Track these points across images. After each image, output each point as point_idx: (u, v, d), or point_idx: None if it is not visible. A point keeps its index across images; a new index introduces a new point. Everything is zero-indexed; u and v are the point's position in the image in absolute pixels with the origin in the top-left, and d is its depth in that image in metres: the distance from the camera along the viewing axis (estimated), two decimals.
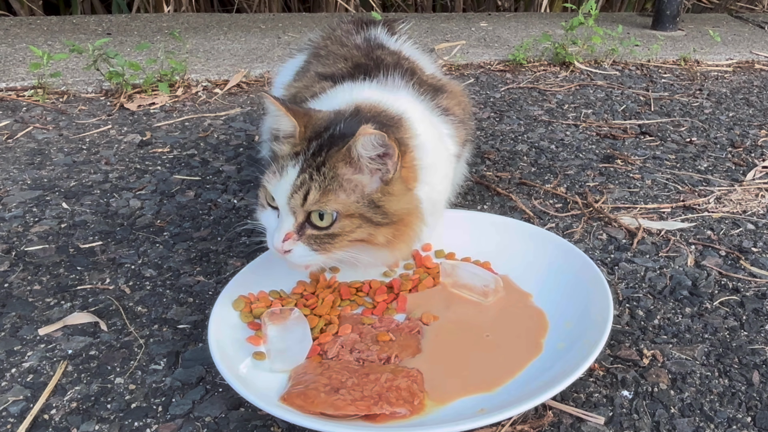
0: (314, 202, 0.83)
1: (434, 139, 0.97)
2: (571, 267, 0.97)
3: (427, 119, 0.99)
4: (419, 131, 0.93)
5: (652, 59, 2.44)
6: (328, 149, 0.84)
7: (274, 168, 0.87)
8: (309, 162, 0.84)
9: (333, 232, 0.84)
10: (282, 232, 0.84)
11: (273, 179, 0.87)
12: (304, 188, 0.83)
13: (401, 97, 0.98)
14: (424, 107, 1.01)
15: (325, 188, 0.83)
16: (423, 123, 0.96)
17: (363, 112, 0.90)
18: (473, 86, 2.09)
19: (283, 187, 0.85)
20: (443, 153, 1.00)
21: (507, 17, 3.10)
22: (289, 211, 0.84)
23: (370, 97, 0.95)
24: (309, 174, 0.83)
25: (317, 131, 0.87)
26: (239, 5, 3.11)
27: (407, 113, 0.94)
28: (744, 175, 1.48)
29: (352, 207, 0.84)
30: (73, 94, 1.84)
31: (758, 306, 1.02)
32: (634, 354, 0.90)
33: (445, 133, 1.02)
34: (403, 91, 1.01)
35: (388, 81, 1.01)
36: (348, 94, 0.97)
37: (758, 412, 0.82)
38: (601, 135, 1.70)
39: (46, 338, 0.91)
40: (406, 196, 0.88)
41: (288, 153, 0.87)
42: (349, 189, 0.84)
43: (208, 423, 0.78)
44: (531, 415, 0.79)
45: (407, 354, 0.85)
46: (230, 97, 1.89)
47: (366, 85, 1.00)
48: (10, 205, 1.25)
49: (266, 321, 0.85)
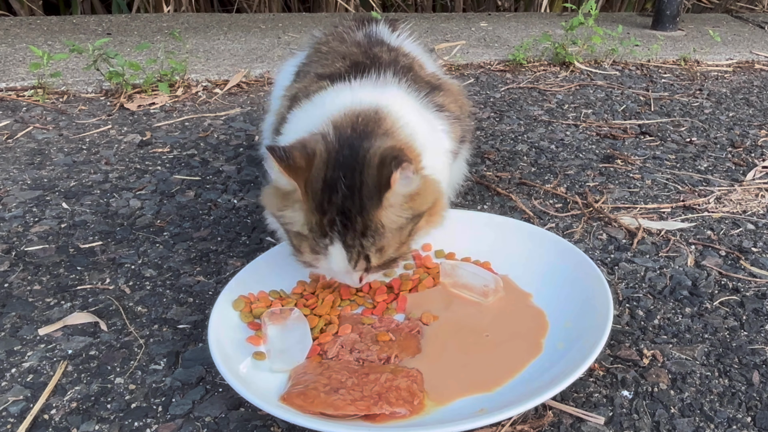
0: (377, 263, 0.84)
1: (423, 123, 0.95)
2: (571, 267, 0.97)
3: (414, 109, 0.96)
4: (401, 113, 0.90)
5: (652, 59, 2.44)
6: (357, 209, 0.80)
7: (307, 246, 0.83)
8: (345, 233, 0.81)
9: (395, 257, 0.86)
10: (355, 279, 0.88)
11: (315, 261, 0.85)
12: (361, 260, 0.83)
13: (385, 93, 0.95)
14: (415, 102, 0.99)
15: (379, 247, 0.83)
16: (406, 109, 0.93)
17: (341, 129, 0.86)
18: (473, 86, 2.09)
19: (336, 264, 0.83)
20: (436, 136, 0.98)
21: (507, 17, 3.10)
22: (351, 272, 0.86)
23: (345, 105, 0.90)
24: (358, 246, 0.82)
25: (322, 186, 0.81)
26: (239, 5, 3.11)
27: (383, 102, 0.90)
28: (744, 175, 1.48)
29: (403, 236, 0.85)
30: (73, 94, 1.84)
31: (758, 306, 1.02)
32: (634, 354, 0.90)
33: (439, 128, 1.00)
34: (393, 87, 0.98)
35: (379, 79, 0.98)
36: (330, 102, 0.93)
37: (758, 412, 0.82)
38: (601, 135, 1.70)
39: (46, 338, 0.91)
40: (425, 184, 0.86)
41: (310, 229, 0.82)
42: (395, 227, 0.83)
43: (208, 423, 0.78)
44: (531, 415, 0.79)
45: (407, 354, 0.85)
46: (230, 97, 1.89)
47: (346, 88, 0.95)
48: (10, 205, 1.25)
49: (266, 321, 0.85)
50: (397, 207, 0.82)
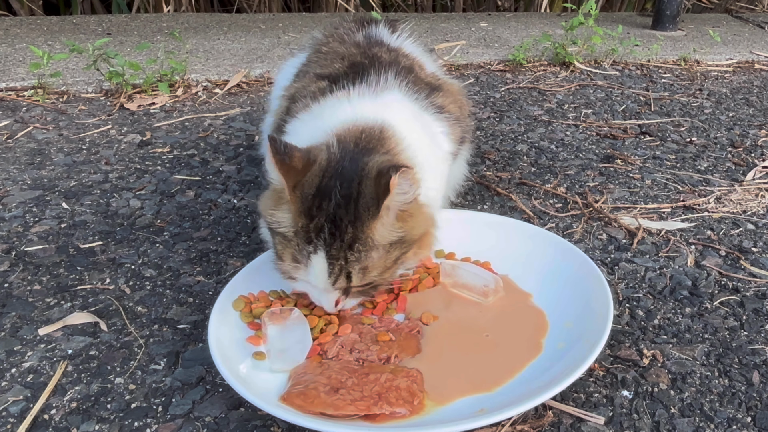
0: (357, 284, 0.82)
1: (424, 138, 0.94)
2: (571, 267, 0.97)
3: (415, 118, 0.96)
4: (405, 134, 0.89)
5: (652, 59, 2.44)
6: (349, 218, 0.79)
7: (289, 254, 0.81)
8: (332, 241, 0.79)
9: (376, 283, 0.85)
10: (331, 303, 0.85)
11: (295, 271, 0.82)
12: (342, 277, 0.80)
13: (386, 101, 0.94)
14: (415, 106, 0.98)
15: (363, 266, 0.80)
16: (409, 123, 0.92)
17: (344, 143, 0.85)
18: (473, 86, 2.09)
19: (316, 277, 0.81)
20: (435, 152, 0.97)
21: (507, 17, 3.10)
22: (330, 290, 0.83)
23: (348, 119, 0.89)
24: (342, 260, 0.79)
25: (315, 192, 0.80)
26: (239, 5, 3.11)
27: (388, 120, 0.89)
28: (744, 175, 1.48)
29: (389, 261, 0.83)
30: (73, 94, 1.84)
31: (758, 306, 1.02)
32: (634, 354, 0.90)
33: (439, 131, 1.00)
34: (394, 91, 0.97)
35: (379, 81, 0.98)
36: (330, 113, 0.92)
37: (758, 412, 0.82)
38: (601, 135, 1.70)
39: (46, 338, 0.91)
40: (420, 209, 0.85)
41: (295, 233, 0.80)
42: (384, 242, 0.81)
43: (208, 423, 0.78)
44: (531, 415, 0.79)
45: (407, 354, 0.85)
46: (230, 97, 1.89)
47: (346, 98, 0.94)
48: (10, 205, 1.25)
49: (266, 321, 0.85)
50: (389, 224, 0.81)
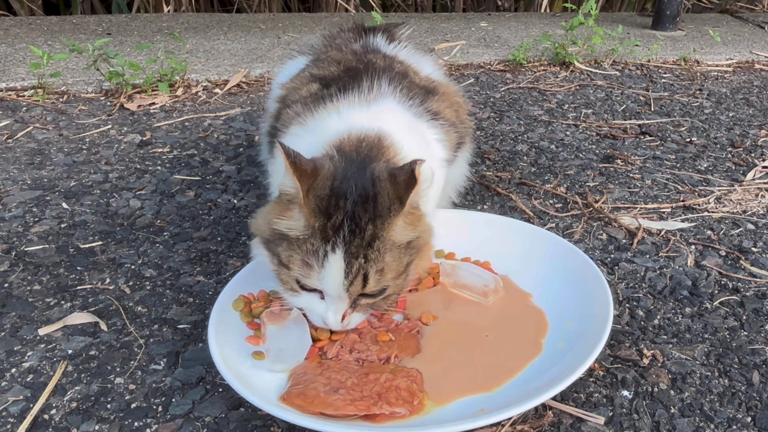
0: (375, 283, 0.78)
1: (420, 147, 0.93)
2: (571, 267, 0.97)
3: (410, 127, 0.95)
4: (402, 143, 0.88)
5: (652, 59, 2.44)
6: (369, 216, 0.77)
7: (298, 259, 0.77)
8: (351, 239, 0.76)
9: (387, 294, 0.82)
10: (338, 315, 0.80)
11: (305, 276, 0.78)
12: (358, 279, 0.77)
13: (381, 109, 0.93)
14: (409, 113, 0.97)
15: (380, 268, 0.77)
16: (404, 133, 0.91)
17: (345, 152, 0.84)
18: (473, 86, 2.09)
19: (331, 278, 0.77)
20: (431, 161, 0.93)
21: (507, 17, 3.10)
22: (342, 296, 0.79)
23: (343, 130, 0.88)
24: (363, 256, 0.76)
25: (329, 192, 0.78)
26: (239, 5, 3.11)
27: (384, 129, 0.88)
28: (744, 175, 1.48)
29: (401, 266, 0.80)
30: (73, 94, 1.84)
31: (758, 306, 1.02)
32: (634, 354, 0.90)
33: (433, 138, 0.98)
34: (388, 98, 0.96)
35: (373, 87, 0.96)
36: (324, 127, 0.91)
37: (758, 412, 0.82)
38: (601, 135, 1.70)
39: (46, 338, 0.91)
40: (422, 219, 0.83)
41: (311, 234, 0.77)
42: (402, 241, 0.79)
43: (208, 423, 0.78)
44: (531, 415, 0.79)
45: (407, 354, 0.85)
46: (230, 97, 1.89)
47: (339, 109, 0.93)
48: (10, 205, 1.25)
49: (265, 321, 0.85)
50: (406, 223, 0.79)
